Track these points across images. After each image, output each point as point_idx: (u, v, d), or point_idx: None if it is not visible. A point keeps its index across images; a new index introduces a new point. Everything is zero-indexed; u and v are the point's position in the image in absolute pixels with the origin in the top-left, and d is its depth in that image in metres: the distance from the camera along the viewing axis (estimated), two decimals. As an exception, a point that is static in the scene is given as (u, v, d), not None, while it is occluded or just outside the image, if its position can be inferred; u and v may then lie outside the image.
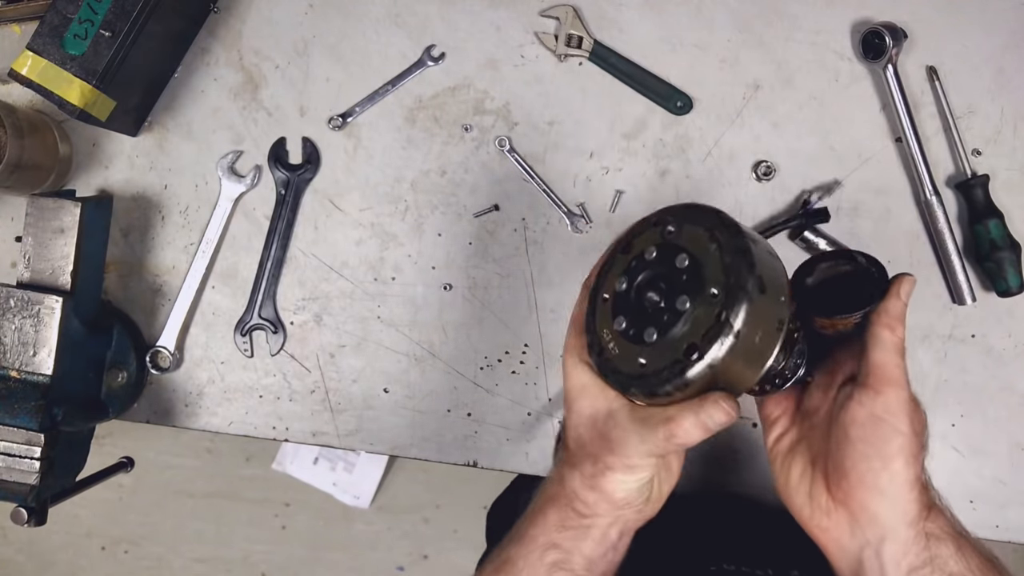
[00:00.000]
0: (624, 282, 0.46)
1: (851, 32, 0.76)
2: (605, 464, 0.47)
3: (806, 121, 0.76)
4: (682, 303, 0.42)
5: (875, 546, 0.46)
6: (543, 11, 0.77)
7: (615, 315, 0.46)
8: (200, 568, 1.85)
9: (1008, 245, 0.72)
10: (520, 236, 0.77)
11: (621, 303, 0.46)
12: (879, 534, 0.46)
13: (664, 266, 0.44)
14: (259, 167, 0.79)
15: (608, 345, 0.46)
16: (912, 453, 0.45)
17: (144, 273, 0.80)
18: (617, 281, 0.47)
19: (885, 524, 0.46)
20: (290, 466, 1.75)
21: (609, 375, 0.46)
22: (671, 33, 0.77)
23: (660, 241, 0.45)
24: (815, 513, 0.49)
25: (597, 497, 0.48)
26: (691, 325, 0.42)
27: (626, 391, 0.45)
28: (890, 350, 0.45)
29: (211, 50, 0.80)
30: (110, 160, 0.80)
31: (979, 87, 0.75)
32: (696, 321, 0.41)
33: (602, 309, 0.47)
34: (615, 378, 0.45)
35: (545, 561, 0.50)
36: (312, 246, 0.79)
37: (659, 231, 0.46)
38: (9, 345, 0.67)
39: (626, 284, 0.46)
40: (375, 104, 0.78)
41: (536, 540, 0.50)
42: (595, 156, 0.77)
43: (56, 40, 0.69)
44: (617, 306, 0.46)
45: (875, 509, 0.46)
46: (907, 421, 0.45)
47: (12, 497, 0.66)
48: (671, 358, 0.42)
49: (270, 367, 0.79)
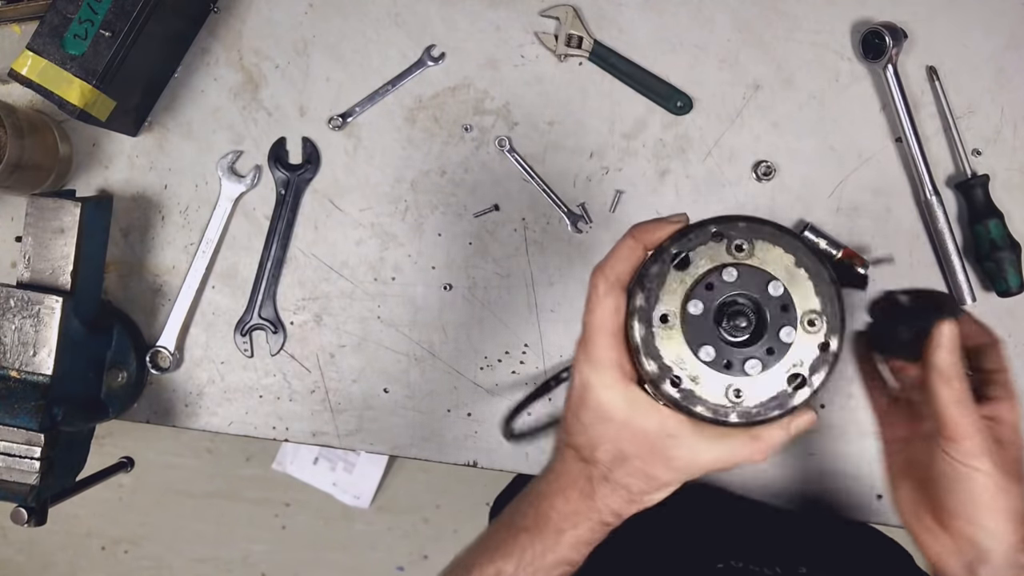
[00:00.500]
0: (699, 306, 0.43)
1: (851, 32, 0.76)
2: (663, 482, 0.46)
3: (806, 121, 0.76)
4: (787, 335, 0.43)
5: (971, 566, 0.48)
6: (543, 11, 0.77)
7: (697, 343, 0.43)
8: (200, 568, 1.85)
9: (1008, 245, 0.72)
10: (520, 236, 0.77)
11: (697, 328, 0.43)
12: (976, 557, 0.48)
13: (751, 290, 0.43)
14: (259, 167, 0.79)
15: (687, 375, 0.43)
16: (1000, 488, 0.46)
17: (144, 273, 0.80)
18: (687, 302, 0.44)
19: (980, 550, 0.48)
20: (290, 466, 1.75)
21: (695, 406, 0.43)
22: (671, 33, 0.77)
23: (731, 260, 0.44)
24: (920, 530, 0.51)
25: (634, 508, 0.48)
26: (795, 355, 0.43)
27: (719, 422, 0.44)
28: (952, 404, 0.46)
29: (211, 50, 0.80)
30: (110, 160, 0.80)
31: (979, 87, 0.75)
32: (800, 348, 0.43)
33: (665, 332, 0.44)
34: (703, 409, 0.43)
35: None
36: (312, 246, 0.79)
37: (724, 247, 0.44)
38: (9, 345, 0.67)
39: (702, 308, 0.43)
40: (375, 104, 0.78)
41: (544, 558, 0.49)
42: (595, 156, 0.77)
43: (56, 40, 0.69)
44: (693, 331, 0.43)
45: (970, 537, 0.48)
46: (988, 462, 0.46)
47: (12, 497, 0.66)
48: (776, 388, 0.43)
49: (270, 367, 0.79)
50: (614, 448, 0.46)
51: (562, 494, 0.49)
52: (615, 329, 0.45)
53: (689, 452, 0.45)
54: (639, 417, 0.45)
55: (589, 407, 0.46)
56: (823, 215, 0.75)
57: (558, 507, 0.49)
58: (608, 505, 0.48)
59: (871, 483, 0.75)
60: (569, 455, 0.49)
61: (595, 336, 0.45)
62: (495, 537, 0.51)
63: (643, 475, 0.46)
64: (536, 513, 0.50)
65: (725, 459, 0.45)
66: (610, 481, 0.47)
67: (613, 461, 0.47)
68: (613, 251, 0.46)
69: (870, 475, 0.75)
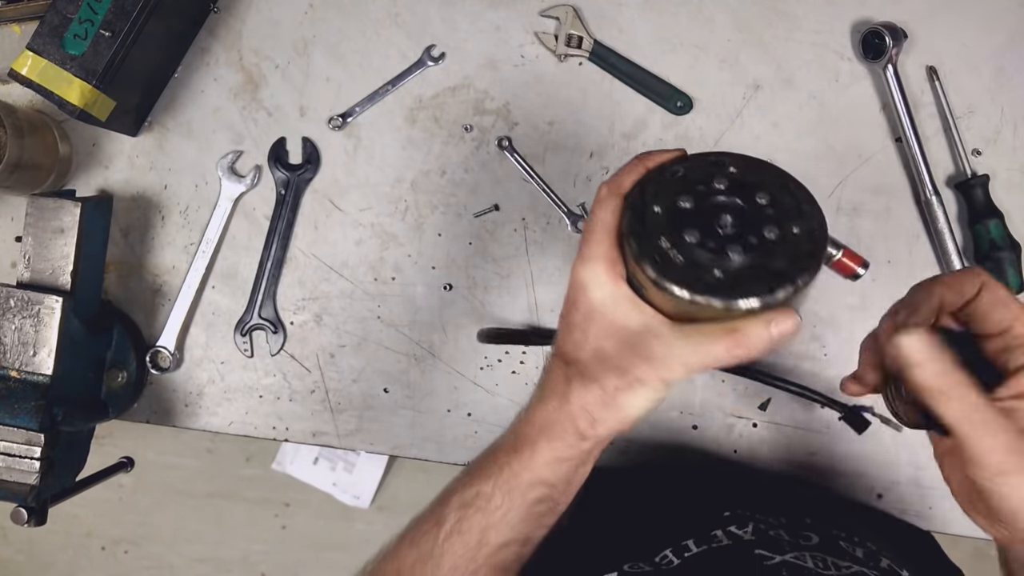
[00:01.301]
0: (689, 200, 0.46)
1: (851, 32, 0.76)
2: (636, 377, 0.45)
3: (806, 121, 0.76)
4: (770, 232, 0.44)
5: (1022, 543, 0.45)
6: (543, 11, 0.77)
7: (682, 227, 0.45)
8: (200, 568, 1.85)
9: (1008, 245, 0.72)
10: (520, 236, 0.77)
11: (685, 219, 0.45)
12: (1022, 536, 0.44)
13: (739, 198, 0.45)
14: (259, 167, 0.79)
15: (670, 253, 0.45)
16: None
17: (144, 273, 0.80)
18: (679, 197, 0.46)
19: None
20: (290, 466, 1.75)
21: (675, 282, 0.44)
22: (671, 33, 0.77)
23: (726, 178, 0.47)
24: (978, 517, 0.47)
25: (609, 415, 0.46)
26: (780, 254, 0.44)
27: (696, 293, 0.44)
28: (961, 422, 0.41)
29: (211, 50, 0.80)
30: (110, 160, 0.80)
31: (979, 87, 0.75)
32: (783, 250, 0.44)
33: (656, 221, 0.46)
34: (683, 285, 0.44)
35: (528, 498, 0.48)
36: (312, 246, 0.79)
37: (719, 169, 0.47)
38: (9, 345, 0.67)
39: (692, 203, 0.46)
40: (375, 104, 0.78)
41: (519, 476, 0.48)
42: (595, 156, 0.77)
43: (56, 40, 0.69)
44: (681, 221, 0.45)
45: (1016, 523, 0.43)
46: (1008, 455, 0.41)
47: (12, 497, 0.66)
48: (757, 277, 0.43)
49: (270, 367, 0.79)
50: (595, 346, 0.46)
51: (541, 404, 0.48)
52: (611, 227, 0.46)
53: (665, 347, 0.44)
54: (622, 314, 0.45)
55: (579, 307, 0.47)
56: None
57: (536, 420, 0.48)
58: (582, 406, 0.46)
59: (871, 483, 0.75)
60: (555, 364, 0.49)
61: (591, 234, 0.47)
62: (478, 461, 0.51)
63: (617, 369, 0.45)
64: (515, 432, 0.49)
65: (701, 354, 0.43)
66: (586, 377, 0.46)
67: (592, 358, 0.46)
68: (619, 170, 0.48)
69: (870, 475, 0.75)
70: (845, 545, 0.56)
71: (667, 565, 0.54)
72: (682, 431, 0.76)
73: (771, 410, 0.76)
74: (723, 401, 0.76)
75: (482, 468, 0.50)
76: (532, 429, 0.48)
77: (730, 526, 0.57)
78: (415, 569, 0.49)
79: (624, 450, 0.77)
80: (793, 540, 0.55)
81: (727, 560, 0.53)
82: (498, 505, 0.48)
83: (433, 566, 0.48)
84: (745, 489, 0.73)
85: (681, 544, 0.56)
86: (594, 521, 0.67)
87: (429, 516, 0.50)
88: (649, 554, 0.55)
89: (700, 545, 0.55)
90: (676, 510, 0.65)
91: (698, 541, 0.56)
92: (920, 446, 0.74)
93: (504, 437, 0.50)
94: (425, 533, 0.49)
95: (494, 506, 0.48)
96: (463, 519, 0.48)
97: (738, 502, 0.62)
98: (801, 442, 0.75)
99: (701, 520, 0.59)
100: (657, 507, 0.68)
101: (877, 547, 0.57)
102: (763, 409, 0.76)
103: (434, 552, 0.48)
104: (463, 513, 0.49)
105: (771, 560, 0.52)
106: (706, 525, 0.58)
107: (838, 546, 0.55)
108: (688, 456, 0.76)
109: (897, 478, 0.75)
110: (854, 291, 0.75)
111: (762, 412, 0.76)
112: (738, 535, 0.56)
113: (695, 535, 0.56)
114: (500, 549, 0.48)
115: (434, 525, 0.49)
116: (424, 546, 0.49)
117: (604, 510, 0.69)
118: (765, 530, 0.56)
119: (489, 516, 0.48)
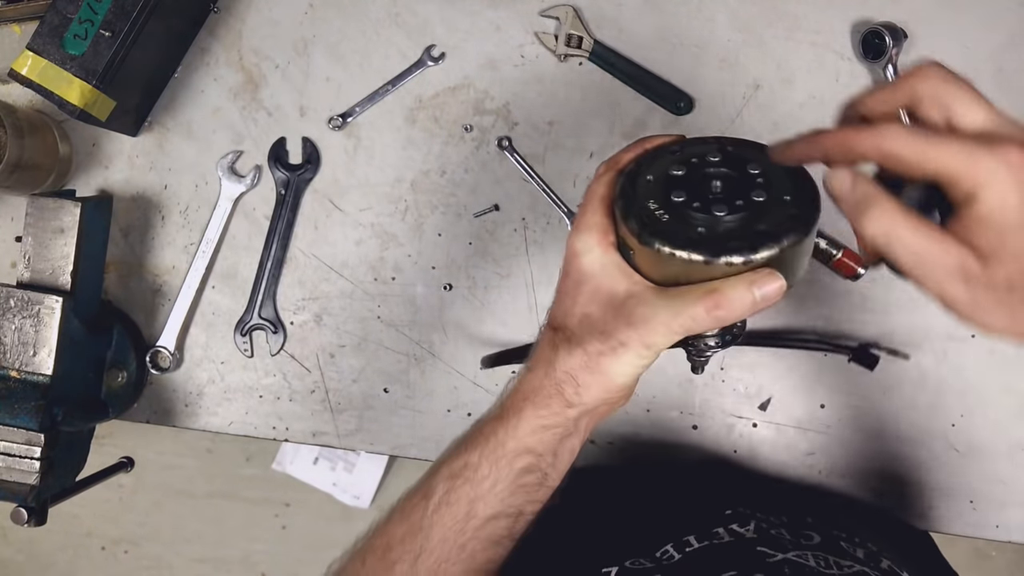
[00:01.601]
0: (682, 169, 0.46)
1: (851, 32, 0.76)
2: (619, 340, 0.45)
3: (806, 121, 0.76)
4: (758, 195, 0.44)
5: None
6: (543, 11, 0.77)
7: (671, 189, 0.45)
8: (200, 568, 1.85)
9: (1008, 245, 0.72)
10: (520, 236, 0.77)
11: (675, 183, 0.46)
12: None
13: (731, 168, 0.46)
14: (259, 167, 0.79)
15: (656, 212, 0.45)
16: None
17: (144, 273, 0.80)
18: (671, 167, 0.46)
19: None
20: (290, 466, 1.75)
21: (657, 236, 0.44)
22: (671, 33, 0.77)
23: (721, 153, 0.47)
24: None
25: (593, 380, 0.46)
26: (767, 216, 0.44)
27: (677, 248, 0.43)
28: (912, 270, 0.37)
29: (211, 50, 0.80)
30: (110, 160, 0.80)
31: (979, 87, 0.75)
32: (769, 213, 0.44)
33: (646, 186, 0.46)
34: (664, 239, 0.43)
35: (515, 467, 0.48)
36: (312, 246, 0.79)
37: (716, 147, 0.47)
38: (9, 345, 0.67)
39: (684, 170, 0.46)
40: (375, 104, 0.78)
41: (505, 445, 0.48)
42: (595, 156, 0.77)
43: (56, 40, 0.69)
44: (670, 185, 0.46)
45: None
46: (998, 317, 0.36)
47: (12, 497, 0.66)
48: (742, 236, 0.43)
49: (270, 367, 0.79)
50: (582, 312, 0.46)
51: (530, 372, 0.48)
52: (605, 198, 0.47)
53: (647, 309, 0.44)
54: (608, 279, 0.46)
55: (570, 275, 0.47)
56: (823, 215, 0.75)
57: (522, 388, 0.48)
58: (566, 371, 0.46)
59: (871, 483, 0.75)
60: (544, 332, 0.49)
61: (586, 205, 0.47)
62: (467, 433, 0.51)
63: (601, 333, 0.45)
64: (502, 403, 0.50)
65: (683, 316, 0.43)
66: (571, 343, 0.46)
67: (578, 324, 0.47)
68: (620, 150, 0.49)
69: (870, 475, 0.75)
70: (846, 545, 0.56)
71: (668, 560, 0.54)
72: (682, 431, 0.76)
73: (771, 410, 0.76)
74: (723, 401, 0.76)
75: (470, 439, 0.49)
76: (518, 397, 0.48)
77: (732, 524, 0.57)
78: (404, 542, 0.48)
79: (624, 449, 0.77)
80: (795, 539, 0.55)
81: (729, 556, 0.53)
82: (485, 475, 0.48)
83: (423, 538, 0.48)
84: (746, 488, 0.74)
85: (682, 540, 0.56)
86: (596, 518, 0.67)
87: (418, 489, 0.50)
88: (650, 549, 0.55)
89: (701, 541, 0.55)
90: (677, 507, 0.65)
91: (699, 537, 0.56)
92: (921, 446, 0.74)
93: (492, 408, 0.50)
94: (414, 506, 0.49)
95: (481, 476, 0.48)
96: (451, 490, 0.48)
97: (739, 500, 0.62)
98: (801, 442, 0.76)
99: (702, 517, 0.59)
100: (658, 504, 0.68)
101: (878, 548, 0.57)
102: (763, 409, 0.76)
103: (423, 524, 0.48)
104: (451, 484, 0.48)
105: (773, 557, 0.52)
106: (708, 522, 0.58)
107: (839, 546, 0.55)
108: (688, 456, 0.76)
109: (898, 478, 0.75)
110: (854, 291, 0.75)
111: (762, 412, 0.76)
112: (740, 532, 0.56)
113: (696, 531, 0.56)
114: (489, 521, 0.48)
115: (423, 498, 0.49)
116: (413, 518, 0.49)
117: (606, 507, 0.69)
118: (767, 529, 0.56)
119: (477, 487, 0.48)
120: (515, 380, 0.50)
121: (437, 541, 0.48)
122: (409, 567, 0.48)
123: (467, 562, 0.48)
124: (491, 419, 0.49)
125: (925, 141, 0.36)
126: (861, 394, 0.75)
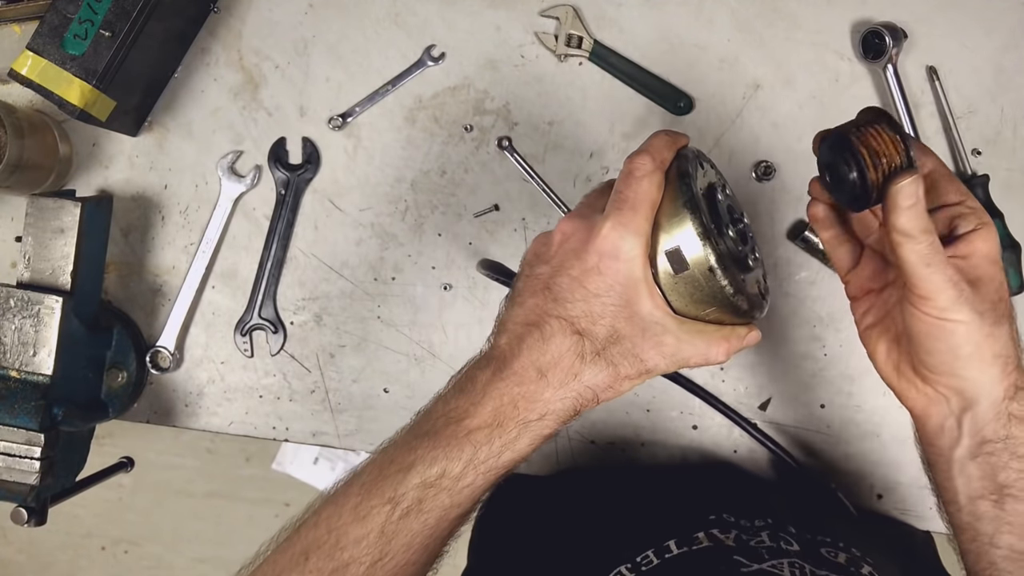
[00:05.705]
0: (722, 193, 0.47)
1: (851, 32, 0.76)
2: (648, 368, 0.45)
3: (806, 121, 0.76)
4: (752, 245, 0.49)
5: (957, 416, 0.46)
6: (543, 11, 0.77)
7: (719, 221, 0.46)
8: (200, 568, 1.85)
9: (1008, 245, 0.72)
10: (520, 236, 0.77)
11: (718, 210, 0.46)
12: (962, 407, 0.46)
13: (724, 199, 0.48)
14: (259, 167, 0.79)
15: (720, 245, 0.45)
16: (984, 335, 0.43)
17: (144, 273, 0.80)
18: (714, 189, 0.48)
19: (968, 399, 0.45)
20: (290, 466, 1.75)
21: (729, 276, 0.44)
22: (671, 33, 0.77)
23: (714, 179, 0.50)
24: (902, 384, 0.49)
25: (604, 397, 0.46)
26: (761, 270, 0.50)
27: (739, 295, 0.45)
28: (920, 264, 0.42)
29: (211, 50, 0.80)
30: (110, 160, 0.80)
31: (979, 87, 0.75)
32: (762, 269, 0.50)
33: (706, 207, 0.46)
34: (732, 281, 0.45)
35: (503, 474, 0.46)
36: (312, 246, 0.79)
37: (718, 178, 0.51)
38: (9, 345, 0.67)
39: (723, 197, 0.48)
40: (375, 104, 0.78)
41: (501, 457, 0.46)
42: (595, 156, 0.77)
43: (56, 40, 0.69)
44: (718, 212, 0.46)
45: (956, 388, 0.45)
46: (967, 311, 0.43)
47: (12, 497, 0.66)
48: (764, 292, 0.49)
49: (270, 367, 0.79)
50: (613, 324, 0.44)
51: (543, 380, 0.45)
52: (656, 203, 0.45)
53: (675, 340, 0.45)
54: (644, 300, 0.44)
55: (604, 275, 0.44)
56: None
57: (536, 397, 0.45)
58: (591, 386, 0.45)
59: (871, 483, 0.75)
60: (557, 327, 0.45)
61: (639, 206, 0.44)
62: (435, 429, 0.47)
63: (633, 356, 0.45)
64: (495, 410, 0.46)
65: (706, 353, 0.46)
66: (603, 358, 0.45)
67: (609, 337, 0.45)
68: (651, 142, 0.47)
69: (870, 475, 0.75)
70: (826, 552, 0.56)
71: (647, 565, 0.54)
72: (682, 431, 0.76)
73: (771, 410, 0.76)
74: (723, 401, 0.76)
75: (446, 443, 0.45)
76: (528, 410, 0.45)
77: (713, 529, 0.58)
78: (361, 544, 0.45)
79: (625, 450, 0.77)
80: (774, 546, 0.55)
81: (705, 563, 0.54)
82: (468, 484, 0.45)
83: (384, 543, 0.45)
84: (734, 492, 0.73)
85: (663, 545, 0.56)
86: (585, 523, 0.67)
87: (376, 490, 0.46)
88: (633, 555, 0.55)
89: (681, 547, 0.55)
90: (663, 512, 0.65)
91: (679, 543, 0.56)
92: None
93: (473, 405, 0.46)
94: (373, 508, 0.46)
95: (463, 485, 0.45)
96: (425, 499, 0.45)
97: (725, 506, 0.62)
98: (801, 442, 0.76)
99: (686, 522, 0.59)
100: (644, 509, 0.68)
101: (862, 552, 0.57)
102: (763, 409, 0.76)
103: (386, 530, 0.45)
104: (425, 494, 0.45)
105: (748, 568, 0.52)
106: (690, 528, 0.58)
107: (819, 553, 0.56)
108: (688, 456, 0.76)
109: (898, 479, 0.75)
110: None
111: (762, 412, 0.76)
112: (720, 539, 0.56)
113: (677, 536, 0.56)
114: (459, 520, 0.47)
115: (387, 502, 0.45)
116: (373, 522, 0.45)
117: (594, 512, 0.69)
118: (747, 540, 0.56)
119: (455, 496, 0.45)
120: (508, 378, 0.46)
121: (401, 546, 0.46)
122: (367, 569, 0.45)
123: (427, 559, 0.48)
124: (479, 426, 0.45)
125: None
126: (861, 394, 0.75)
